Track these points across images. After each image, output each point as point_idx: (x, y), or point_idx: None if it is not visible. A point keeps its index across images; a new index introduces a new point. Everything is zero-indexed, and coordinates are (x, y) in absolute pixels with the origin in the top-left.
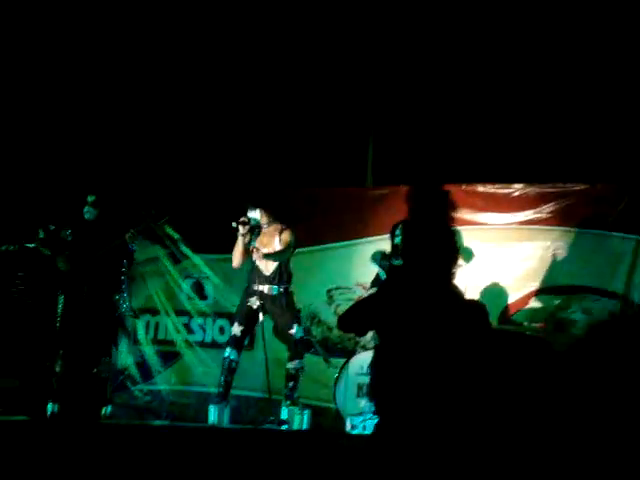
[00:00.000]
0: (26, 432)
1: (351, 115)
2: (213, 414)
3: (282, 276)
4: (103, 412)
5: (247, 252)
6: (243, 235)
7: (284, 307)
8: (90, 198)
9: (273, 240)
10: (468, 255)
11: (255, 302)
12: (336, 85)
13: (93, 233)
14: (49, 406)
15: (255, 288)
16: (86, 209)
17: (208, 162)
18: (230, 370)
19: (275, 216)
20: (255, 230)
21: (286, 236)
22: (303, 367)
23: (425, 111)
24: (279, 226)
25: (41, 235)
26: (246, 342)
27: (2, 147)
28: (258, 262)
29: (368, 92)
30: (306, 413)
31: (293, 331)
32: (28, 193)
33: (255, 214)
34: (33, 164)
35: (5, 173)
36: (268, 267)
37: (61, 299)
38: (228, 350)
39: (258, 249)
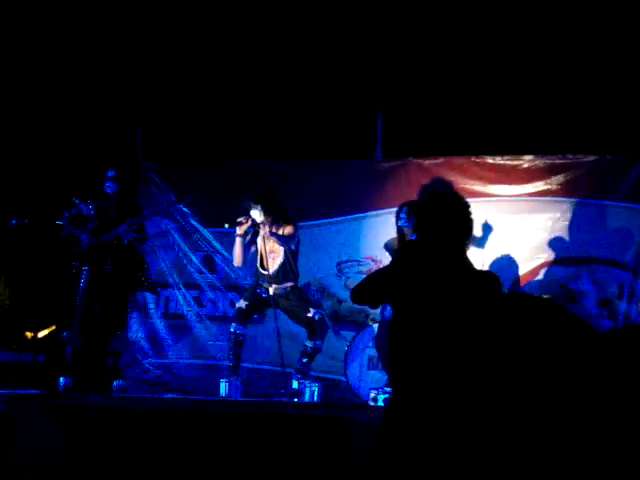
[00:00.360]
0: (39, 405)
1: (360, 86)
2: (224, 388)
3: (286, 275)
4: (115, 385)
5: (248, 251)
6: (241, 235)
7: (293, 300)
8: (110, 173)
9: (275, 237)
10: (484, 228)
11: (263, 292)
12: (345, 56)
13: (115, 207)
14: (60, 380)
15: (262, 284)
16: (107, 184)
17: (217, 136)
18: (237, 343)
19: (277, 215)
20: (256, 229)
21: (288, 230)
22: (321, 349)
23: (435, 82)
24: (282, 223)
25: (70, 213)
26: (255, 316)
27: (20, 125)
28: (259, 261)
29: (377, 63)
30: (317, 386)
31: (310, 314)
32: (49, 169)
33: (255, 213)
34: (52, 140)
35: (26, 150)
36: (270, 265)
37: (84, 274)
38: (234, 325)
39: (262, 242)
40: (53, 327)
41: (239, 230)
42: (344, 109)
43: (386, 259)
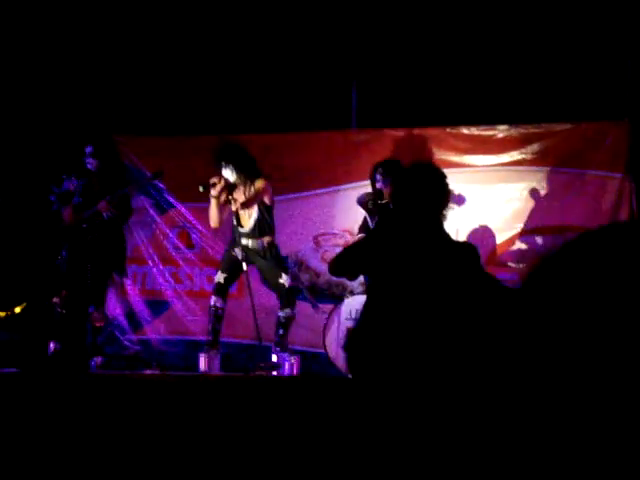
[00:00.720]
0: (17, 383)
1: (334, 58)
2: (203, 362)
3: (262, 229)
4: (93, 362)
5: (223, 211)
6: (215, 197)
7: (269, 259)
8: (88, 148)
9: (248, 193)
10: (459, 199)
11: (239, 253)
12: (319, 27)
13: (96, 183)
14: (51, 345)
15: (238, 241)
16: (87, 160)
17: (191, 108)
18: (217, 317)
19: (249, 172)
20: (230, 188)
21: (259, 184)
22: (294, 316)
23: (408, 53)
24: (254, 178)
25: (59, 189)
26: (233, 289)
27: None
28: (235, 219)
29: (351, 34)
30: (296, 359)
31: (282, 280)
32: (32, 145)
33: (228, 172)
34: (33, 116)
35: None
36: (246, 222)
37: (65, 249)
38: (213, 298)
39: (235, 200)
40: (25, 304)
41: (213, 191)
42: (317, 81)
43: (360, 215)
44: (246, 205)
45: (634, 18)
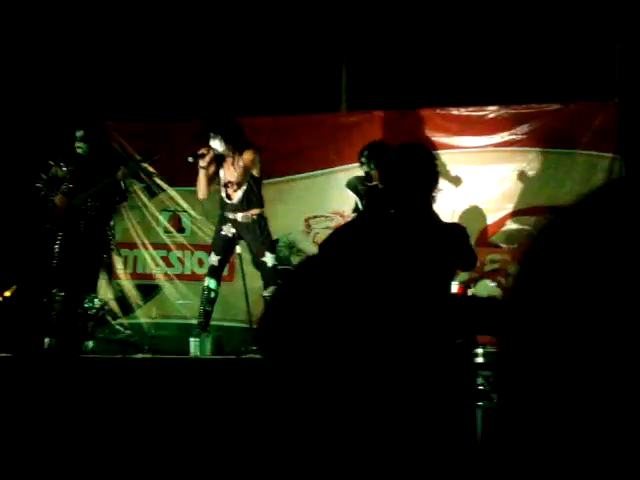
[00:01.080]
0: (10, 368)
1: (323, 39)
2: (194, 346)
3: (251, 202)
4: (84, 347)
5: (211, 183)
6: (204, 167)
7: (257, 233)
8: (78, 133)
9: (237, 165)
10: (453, 179)
11: (230, 230)
12: (308, 9)
13: (87, 169)
14: (46, 340)
15: (227, 216)
16: (77, 144)
17: (181, 93)
18: (209, 300)
19: (238, 143)
20: (219, 159)
21: (248, 155)
22: None
23: (398, 35)
24: (242, 150)
25: (46, 175)
26: (225, 272)
27: None
28: (223, 191)
29: (340, 16)
30: None
31: (265, 259)
32: (21, 131)
33: (216, 143)
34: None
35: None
36: (233, 195)
37: (59, 236)
38: (207, 280)
39: (224, 172)
40: (14, 287)
41: (202, 162)
42: (307, 63)
43: (351, 198)
44: (234, 177)
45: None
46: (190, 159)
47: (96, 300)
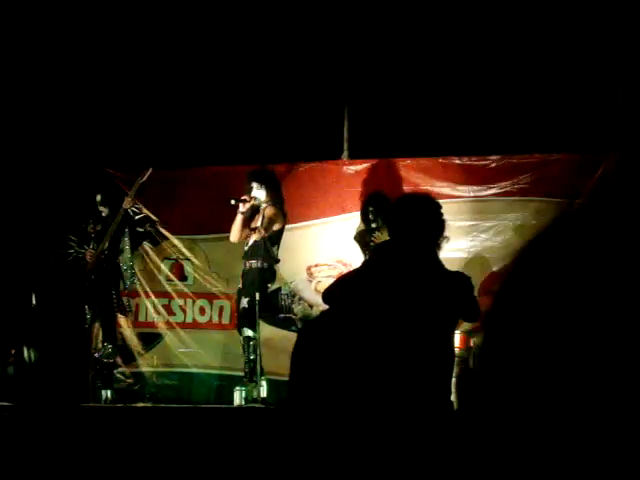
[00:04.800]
0: (16, 418)
1: (325, 88)
2: (239, 397)
3: (255, 253)
4: (102, 396)
5: (244, 229)
6: (243, 213)
7: (246, 281)
8: (98, 197)
9: (264, 215)
10: (453, 229)
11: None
12: (311, 57)
13: (113, 225)
14: (102, 393)
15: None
16: (99, 209)
17: (182, 141)
18: (251, 348)
19: (276, 196)
20: (255, 208)
21: (269, 211)
22: (255, 338)
23: (400, 83)
24: (274, 205)
25: (76, 236)
26: (227, 320)
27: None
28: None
29: (343, 64)
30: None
31: (241, 304)
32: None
33: (260, 193)
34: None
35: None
36: (250, 241)
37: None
38: (244, 329)
39: (258, 229)
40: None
41: (242, 208)
42: (310, 112)
43: (357, 260)
44: (255, 228)
45: (625, 48)
46: (233, 201)
47: (110, 348)
